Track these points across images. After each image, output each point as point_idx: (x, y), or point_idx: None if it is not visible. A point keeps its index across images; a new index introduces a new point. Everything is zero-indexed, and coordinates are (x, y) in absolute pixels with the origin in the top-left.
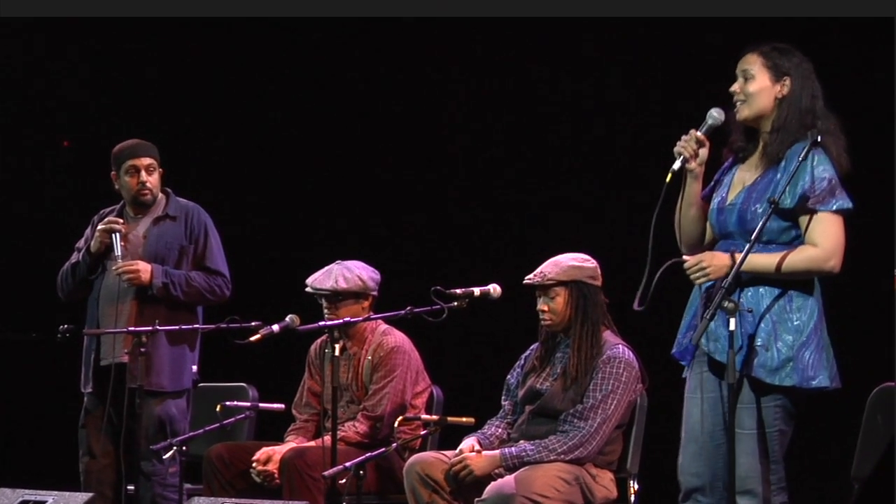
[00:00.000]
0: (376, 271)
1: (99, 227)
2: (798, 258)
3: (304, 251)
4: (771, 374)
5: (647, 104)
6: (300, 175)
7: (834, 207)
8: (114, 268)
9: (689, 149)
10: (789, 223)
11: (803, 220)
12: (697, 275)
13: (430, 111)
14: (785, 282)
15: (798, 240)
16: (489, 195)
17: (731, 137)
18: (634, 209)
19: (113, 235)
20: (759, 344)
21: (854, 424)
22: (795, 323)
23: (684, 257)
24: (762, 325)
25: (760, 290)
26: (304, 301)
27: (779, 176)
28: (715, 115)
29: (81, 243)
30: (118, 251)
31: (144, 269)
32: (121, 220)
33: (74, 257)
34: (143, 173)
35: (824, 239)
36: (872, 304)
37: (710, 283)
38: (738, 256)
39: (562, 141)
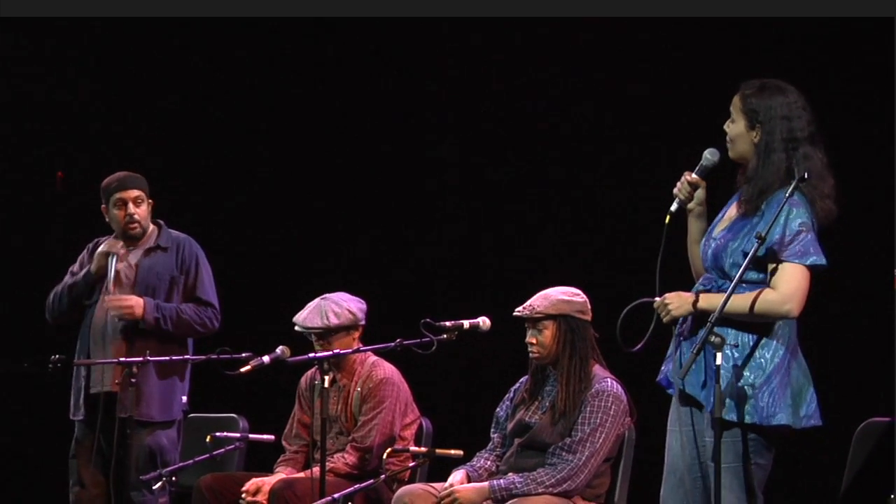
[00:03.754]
0: (361, 300)
1: (101, 248)
2: (758, 300)
3: (294, 282)
4: (729, 410)
5: (644, 135)
6: (290, 207)
7: (808, 262)
8: (106, 299)
9: (684, 191)
10: (760, 266)
11: (771, 267)
12: (662, 312)
13: (420, 142)
14: (753, 323)
15: (765, 281)
16: (480, 227)
17: (739, 168)
18: (627, 243)
19: (110, 258)
20: (721, 381)
21: (841, 460)
22: (759, 360)
23: (655, 298)
24: (724, 362)
25: (728, 330)
26: (295, 333)
27: (755, 220)
28: (709, 156)
29: (76, 267)
30: (111, 274)
31: (137, 303)
32: (120, 243)
33: (68, 279)
34: (131, 206)
35: (784, 284)
36: (859, 342)
37: (685, 320)
38: (702, 295)
39: (556, 172)
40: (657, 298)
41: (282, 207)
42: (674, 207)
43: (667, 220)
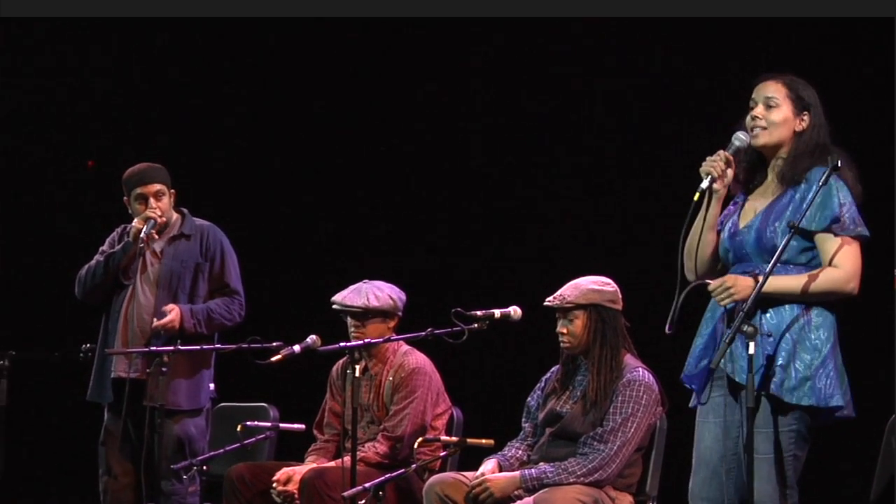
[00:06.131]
0: (402, 292)
1: (144, 213)
2: (819, 279)
3: (325, 271)
4: (789, 392)
5: (670, 124)
6: (321, 195)
7: (854, 234)
8: (154, 325)
9: (718, 168)
10: (808, 244)
11: (825, 242)
12: (722, 296)
13: (451, 130)
14: (807, 301)
15: (815, 261)
16: (511, 216)
17: (736, 169)
18: (659, 232)
19: (147, 222)
20: (778, 364)
21: (872, 451)
22: (814, 342)
23: (708, 280)
24: (782, 344)
25: (781, 309)
26: (326, 321)
27: (798, 196)
28: (742, 137)
29: (106, 247)
30: (145, 231)
31: (176, 317)
32: (159, 213)
33: (100, 257)
34: (152, 200)
35: (845, 261)
36: (885, 332)
37: (731, 306)
38: (761, 278)
39: (586, 163)
40: (710, 281)
41: (312, 197)
42: (705, 184)
43: (695, 198)
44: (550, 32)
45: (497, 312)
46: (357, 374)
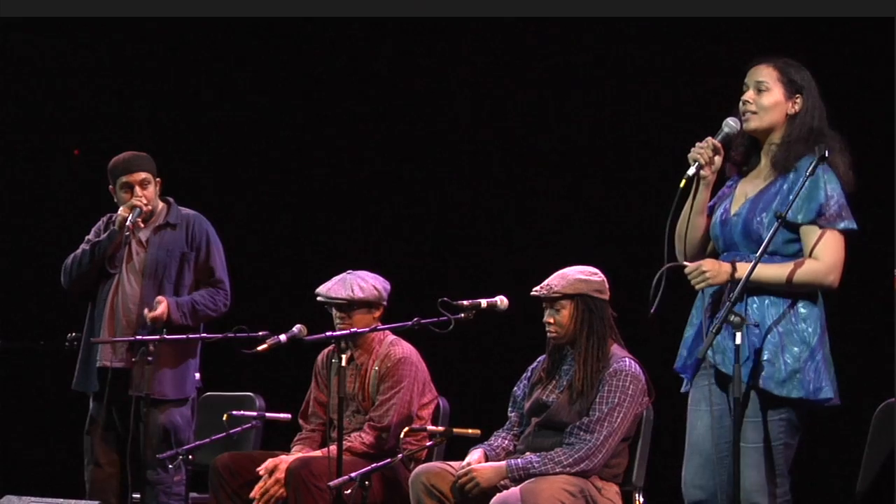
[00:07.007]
0: (386, 281)
1: (130, 202)
2: (799, 270)
3: (311, 261)
4: (779, 385)
5: (656, 111)
6: (308, 185)
7: (840, 227)
8: (147, 317)
9: (706, 155)
10: (794, 236)
11: (808, 234)
12: (698, 279)
13: (438, 121)
14: (789, 293)
15: (801, 252)
16: (498, 206)
17: (731, 152)
18: (646, 221)
19: (133, 211)
20: (765, 357)
21: (860, 439)
22: (802, 334)
23: (684, 262)
24: (769, 337)
25: (766, 300)
26: (312, 311)
27: (786, 186)
28: (731, 123)
29: (92, 236)
30: (130, 220)
31: (164, 311)
32: (145, 201)
33: (85, 246)
34: (138, 189)
35: (826, 254)
36: (873, 321)
37: (713, 294)
38: (740, 265)
39: (574, 153)
40: (687, 263)
41: (298, 185)
42: (692, 171)
43: (682, 185)
44: (539, 31)
45: (484, 302)
46: (343, 363)
